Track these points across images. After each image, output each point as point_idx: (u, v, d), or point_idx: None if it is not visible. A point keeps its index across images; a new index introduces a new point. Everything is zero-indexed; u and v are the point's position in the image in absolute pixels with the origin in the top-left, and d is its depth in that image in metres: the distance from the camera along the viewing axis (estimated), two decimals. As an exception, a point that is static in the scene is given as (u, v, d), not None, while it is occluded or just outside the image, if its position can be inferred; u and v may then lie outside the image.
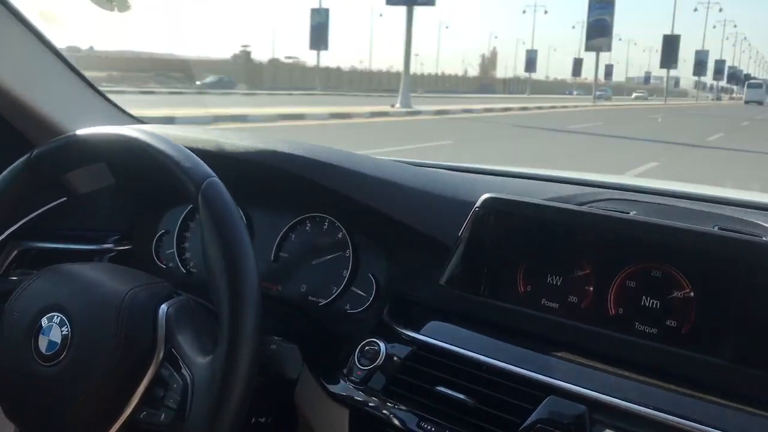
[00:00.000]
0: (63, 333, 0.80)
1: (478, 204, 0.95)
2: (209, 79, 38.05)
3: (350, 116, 17.96)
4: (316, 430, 0.99)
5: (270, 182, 1.16)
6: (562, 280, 0.89)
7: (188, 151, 0.84)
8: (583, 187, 1.19)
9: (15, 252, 1.28)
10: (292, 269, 1.15)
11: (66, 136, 0.91)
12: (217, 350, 0.75)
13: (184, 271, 1.24)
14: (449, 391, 0.85)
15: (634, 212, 1.08)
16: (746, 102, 58.04)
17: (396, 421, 0.87)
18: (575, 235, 0.89)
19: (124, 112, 1.40)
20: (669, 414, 0.73)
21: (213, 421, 0.73)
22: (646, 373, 0.80)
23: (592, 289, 0.87)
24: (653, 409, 0.74)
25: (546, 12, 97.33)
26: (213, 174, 0.82)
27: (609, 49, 53.01)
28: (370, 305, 1.06)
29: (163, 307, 0.83)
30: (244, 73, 46.64)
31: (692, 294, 0.80)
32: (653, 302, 0.83)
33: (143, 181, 1.25)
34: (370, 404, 0.90)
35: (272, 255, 1.16)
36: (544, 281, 0.90)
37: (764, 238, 0.84)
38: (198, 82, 37.06)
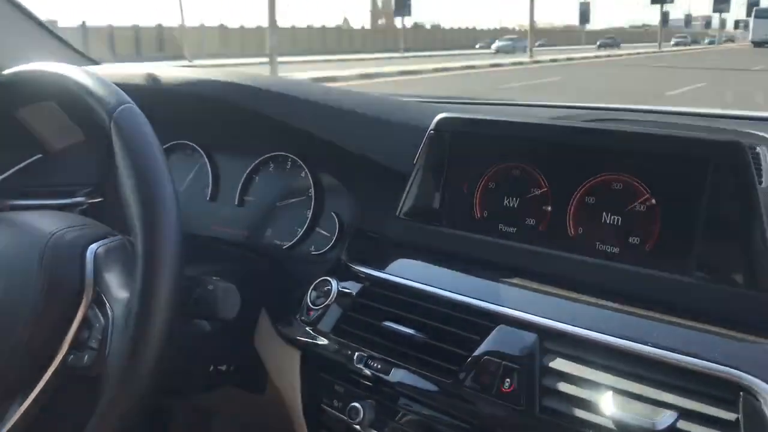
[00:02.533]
0: None
1: (432, 125, 0.88)
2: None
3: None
4: (271, 375, 0.95)
5: (227, 119, 1.10)
6: (519, 202, 0.81)
7: (105, 80, 0.79)
8: (568, 110, 1.10)
9: (-9, 210, 1.26)
10: (256, 213, 1.10)
11: None
12: (134, 287, 0.71)
13: None
14: (396, 326, 0.79)
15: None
16: (754, 43, 38.89)
17: (344, 360, 0.82)
18: (530, 150, 0.81)
19: (78, 52, 1.37)
20: (625, 339, 0.66)
21: (131, 358, 0.68)
22: (607, 297, 0.72)
23: (550, 209, 0.79)
24: (608, 335, 0.67)
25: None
26: (129, 101, 0.77)
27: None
28: (333, 245, 1.01)
29: (92, 247, 0.79)
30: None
31: (655, 205, 0.72)
32: (615, 218, 0.74)
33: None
34: (320, 344, 0.85)
35: (236, 199, 1.11)
36: (501, 205, 0.83)
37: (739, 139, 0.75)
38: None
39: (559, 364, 0.68)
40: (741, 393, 0.59)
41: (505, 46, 43.05)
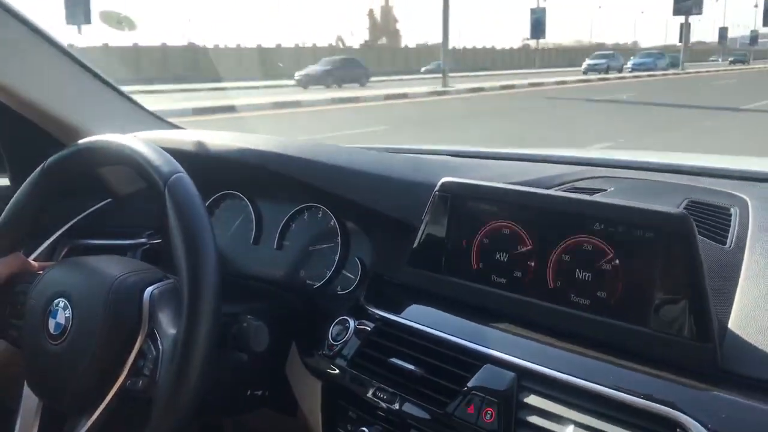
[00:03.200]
0: (66, 315, 0.94)
1: (437, 188, 1.02)
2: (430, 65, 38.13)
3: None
4: (299, 400, 1.09)
5: (266, 177, 1.26)
6: (509, 256, 0.94)
7: (160, 149, 0.95)
8: (564, 165, 1.22)
9: (66, 248, 1.46)
10: (292, 256, 1.25)
11: (71, 147, 1.05)
12: (179, 324, 0.86)
13: None
14: (400, 362, 0.92)
15: (611, 189, 1.11)
16: None
17: (357, 390, 0.96)
18: (518, 212, 0.94)
19: (151, 113, 1.56)
20: (589, 381, 0.78)
21: (176, 383, 0.84)
22: (579, 343, 0.84)
23: (533, 264, 0.91)
24: (576, 377, 0.79)
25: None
26: (181, 170, 0.93)
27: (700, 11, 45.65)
28: (356, 286, 1.15)
29: (149, 289, 0.95)
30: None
31: (619, 265, 0.83)
32: (586, 275, 0.86)
33: None
34: (337, 375, 0.99)
35: (275, 243, 1.27)
36: (493, 258, 0.95)
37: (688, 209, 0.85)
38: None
39: (533, 400, 0.80)
40: (677, 430, 0.70)
41: (598, 65, 37.02)
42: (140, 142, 0.98)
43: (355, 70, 29.70)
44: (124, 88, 1.50)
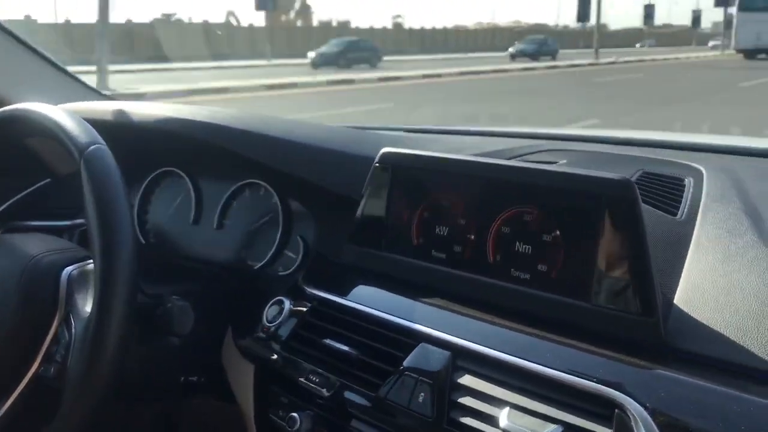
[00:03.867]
0: None
1: (376, 159, 0.96)
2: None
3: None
4: (232, 386, 1.03)
5: (200, 151, 1.20)
6: (448, 230, 0.88)
7: (80, 119, 0.89)
8: (517, 139, 1.17)
9: (1, 230, 1.38)
10: (233, 235, 1.19)
11: None
12: (91, 307, 0.80)
13: (144, 241, 1.31)
14: (334, 343, 0.87)
15: (563, 161, 1.06)
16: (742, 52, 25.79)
17: (290, 374, 0.90)
18: (457, 184, 0.88)
19: (88, 87, 1.49)
20: (525, 359, 0.73)
21: (88, 369, 0.78)
22: (519, 320, 0.78)
23: (473, 237, 0.86)
24: (513, 355, 0.74)
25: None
26: (100, 141, 0.86)
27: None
28: (298, 266, 1.09)
29: (68, 269, 0.89)
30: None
31: (560, 236, 0.78)
32: (526, 247, 0.81)
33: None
34: (270, 358, 0.94)
35: (215, 223, 1.21)
36: (433, 232, 0.90)
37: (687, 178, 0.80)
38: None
39: (467, 380, 0.75)
40: (615, 410, 0.65)
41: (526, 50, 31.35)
42: (61, 111, 0.92)
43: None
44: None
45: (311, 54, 27.41)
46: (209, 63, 23.76)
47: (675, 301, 0.73)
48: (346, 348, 0.85)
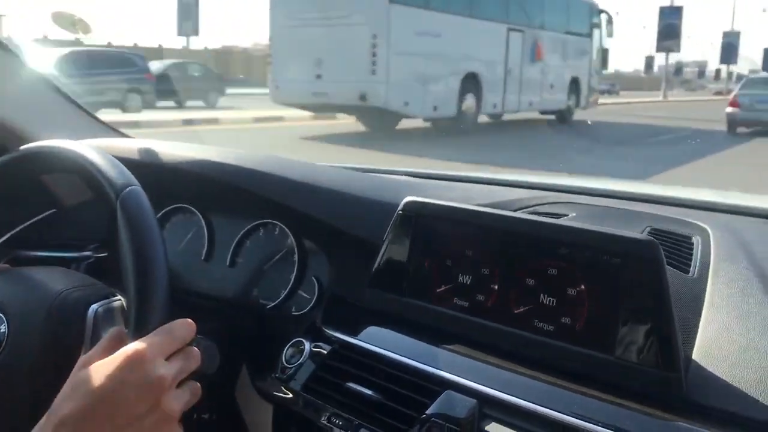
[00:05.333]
0: (1, 330, 0.87)
1: (400, 207, 0.99)
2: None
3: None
4: (248, 426, 1.04)
5: (221, 191, 1.22)
6: (472, 279, 0.91)
7: (114, 159, 0.90)
8: (528, 190, 1.21)
9: (6, 259, 1.38)
10: (245, 274, 1.21)
11: (15, 152, 0.99)
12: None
13: None
14: (358, 387, 0.88)
15: (573, 214, 1.10)
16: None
17: (311, 416, 0.91)
18: (482, 235, 0.92)
19: (99, 120, 1.50)
20: (551, 409, 0.75)
21: None
22: (542, 370, 0.81)
23: (497, 287, 0.89)
24: (537, 404, 0.76)
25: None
26: (135, 182, 0.88)
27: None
28: (312, 307, 1.11)
29: (94, 306, 0.89)
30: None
31: (584, 290, 0.82)
32: (550, 300, 0.84)
33: None
34: (290, 399, 0.95)
35: (228, 260, 1.22)
36: (456, 280, 0.93)
37: (694, 236, 0.85)
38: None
39: (494, 428, 0.77)
40: None
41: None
42: (92, 149, 0.93)
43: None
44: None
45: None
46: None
47: (694, 357, 0.77)
48: (369, 392, 0.87)
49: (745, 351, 0.76)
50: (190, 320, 0.81)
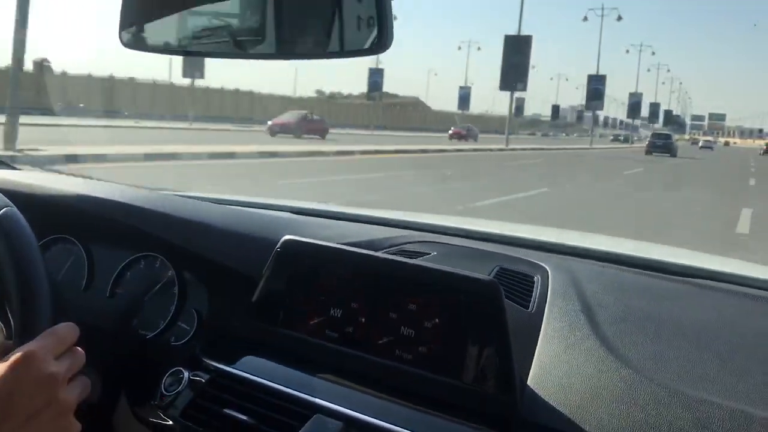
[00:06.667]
0: None
1: (278, 245, 1.07)
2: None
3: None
4: None
5: (102, 224, 1.25)
6: (342, 313, 1.01)
7: None
8: (399, 229, 1.34)
9: None
10: (125, 305, 1.24)
11: None
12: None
13: None
14: (234, 413, 0.95)
15: (434, 253, 1.22)
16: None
17: None
18: (351, 273, 1.02)
19: None
20: (407, 429, 0.86)
21: None
22: (402, 394, 0.92)
23: (364, 320, 0.99)
24: (397, 426, 0.86)
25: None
26: (10, 204, 0.91)
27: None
28: (191, 337, 1.16)
29: None
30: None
31: (439, 324, 0.94)
32: (410, 331, 0.96)
33: None
34: (169, 426, 1.00)
35: (108, 291, 1.25)
36: (328, 313, 1.02)
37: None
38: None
39: None
40: None
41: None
42: None
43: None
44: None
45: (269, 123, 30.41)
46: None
47: (528, 382, 0.90)
48: (243, 417, 0.94)
49: (571, 377, 0.90)
50: (72, 323, 0.85)
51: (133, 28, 0.88)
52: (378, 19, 0.71)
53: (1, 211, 0.89)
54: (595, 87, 59.11)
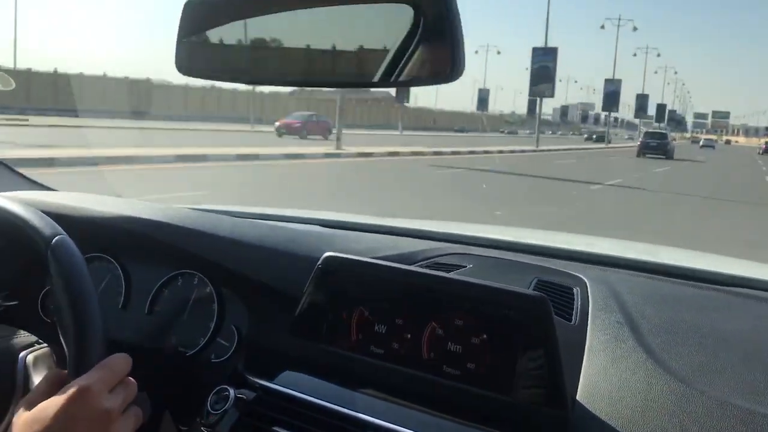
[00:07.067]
0: None
1: (320, 262, 1.08)
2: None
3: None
4: None
5: (139, 242, 1.26)
6: (386, 329, 1.02)
7: (39, 212, 0.94)
8: (423, 240, 1.34)
9: None
10: (164, 322, 1.25)
11: None
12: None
13: None
14: (281, 431, 0.96)
15: (470, 266, 1.23)
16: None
17: None
18: (394, 289, 1.02)
19: (17, 173, 1.49)
20: None
21: None
22: (452, 410, 0.92)
23: (409, 336, 1.00)
24: None
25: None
26: (62, 232, 0.92)
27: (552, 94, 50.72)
28: (232, 354, 1.17)
29: (23, 354, 0.92)
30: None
31: (487, 340, 0.94)
32: (457, 347, 0.96)
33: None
34: None
35: (146, 308, 1.26)
36: (372, 330, 1.03)
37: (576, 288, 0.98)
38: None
39: None
40: None
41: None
42: (16, 202, 0.96)
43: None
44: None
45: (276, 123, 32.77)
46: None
47: (578, 397, 0.90)
48: None
49: (621, 390, 0.90)
50: (125, 354, 0.86)
51: (188, 55, 0.89)
52: (452, 47, 0.72)
53: (55, 239, 0.90)
54: (612, 90, 64.37)
